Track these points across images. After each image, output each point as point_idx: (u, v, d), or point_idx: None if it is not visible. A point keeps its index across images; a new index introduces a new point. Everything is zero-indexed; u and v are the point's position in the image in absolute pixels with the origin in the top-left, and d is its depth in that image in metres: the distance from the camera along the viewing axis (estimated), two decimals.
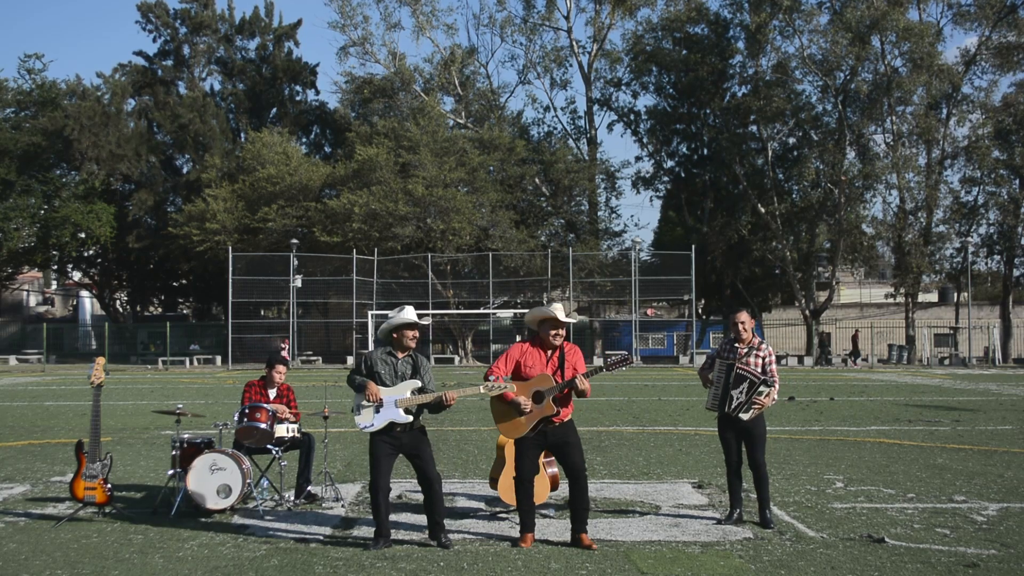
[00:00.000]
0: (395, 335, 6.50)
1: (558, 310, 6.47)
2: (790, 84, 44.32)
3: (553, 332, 6.40)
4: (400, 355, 6.50)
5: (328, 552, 6.21)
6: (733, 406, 6.88)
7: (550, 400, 6.24)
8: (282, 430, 7.87)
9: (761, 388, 6.81)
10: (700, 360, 40.51)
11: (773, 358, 7.07)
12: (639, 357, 41.87)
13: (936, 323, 46.76)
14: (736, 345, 7.06)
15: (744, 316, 7.02)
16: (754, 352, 7.01)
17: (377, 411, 6.34)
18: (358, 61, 59.72)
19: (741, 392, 6.85)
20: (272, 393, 8.18)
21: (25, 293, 67.35)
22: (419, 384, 6.39)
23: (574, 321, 6.56)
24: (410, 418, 6.33)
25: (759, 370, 6.92)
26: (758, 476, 7.02)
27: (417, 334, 6.52)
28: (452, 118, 47.36)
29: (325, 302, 45.83)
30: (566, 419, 6.40)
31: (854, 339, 42.52)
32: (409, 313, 6.47)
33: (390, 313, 6.58)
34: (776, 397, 7.01)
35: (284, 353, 39.87)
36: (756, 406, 6.84)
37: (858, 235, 44.71)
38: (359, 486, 8.66)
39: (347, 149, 43.97)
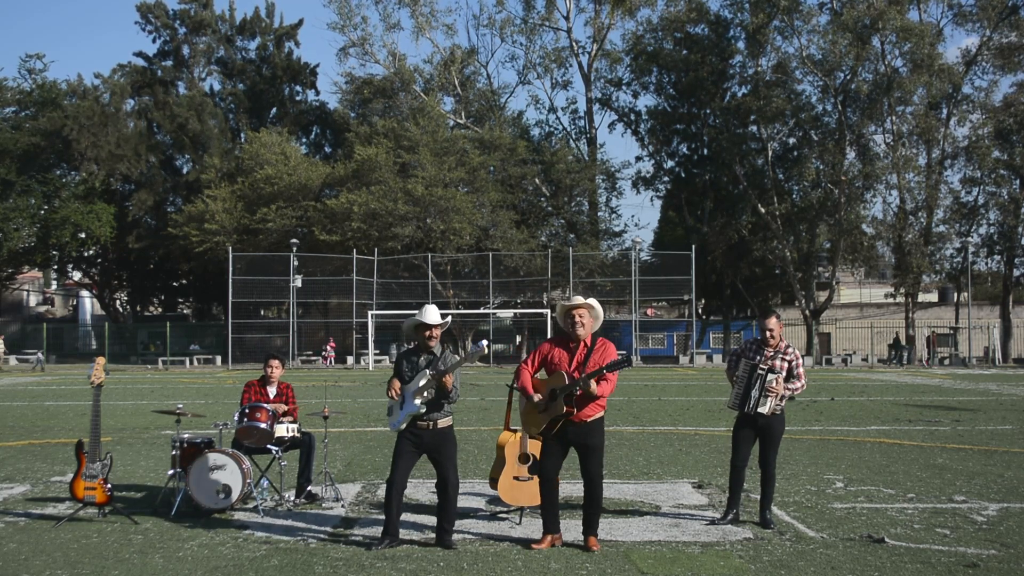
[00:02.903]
0: (416, 334, 6.55)
1: (430, 313, 6.44)
2: (790, 84, 44.35)
3: (569, 322, 6.37)
4: (423, 353, 6.52)
5: (328, 552, 6.21)
6: (752, 404, 6.88)
7: (561, 399, 6.19)
8: (282, 430, 7.86)
9: (768, 376, 6.82)
10: (700, 360, 40.66)
11: (800, 360, 7.06)
12: (639, 357, 41.86)
13: (936, 323, 46.77)
14: (763, 348, 7.05)
15: (773, 323, 6.98)
16: (780, 355, 6.99)
17: (401, 407, 6.40)
18: (358, 62, 59.82)
19: (758, 389, 6.87)
20: (272, 391, 8.17)
21: (25, 293, 67.34)
22: (429, 373, 6.38)
23: (438, 322, 6.42)
24: (423, 409, 6.31)
25: (784, 373, 6.92)
26: (765, 476, 7.01)
27: (435, 333, 6.50)
28: (452, 118, 47.36)
29: (325, 302, 45.83)
30: (589, 419, 6.25)
31: (929, 340, 42.33)
32: (425, 315, 6.46)
33: (416, 313, 6.60)
34: (794, 388, 6.97)
35: (328, 351, 40.38)
36: (770, 394, 6.83)
37: (858, 235, 44.73)
38: (359, 486, 8.66)
39: (347, 149, 43.98)
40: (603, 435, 6.39)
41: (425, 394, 6.31)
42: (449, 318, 6.91)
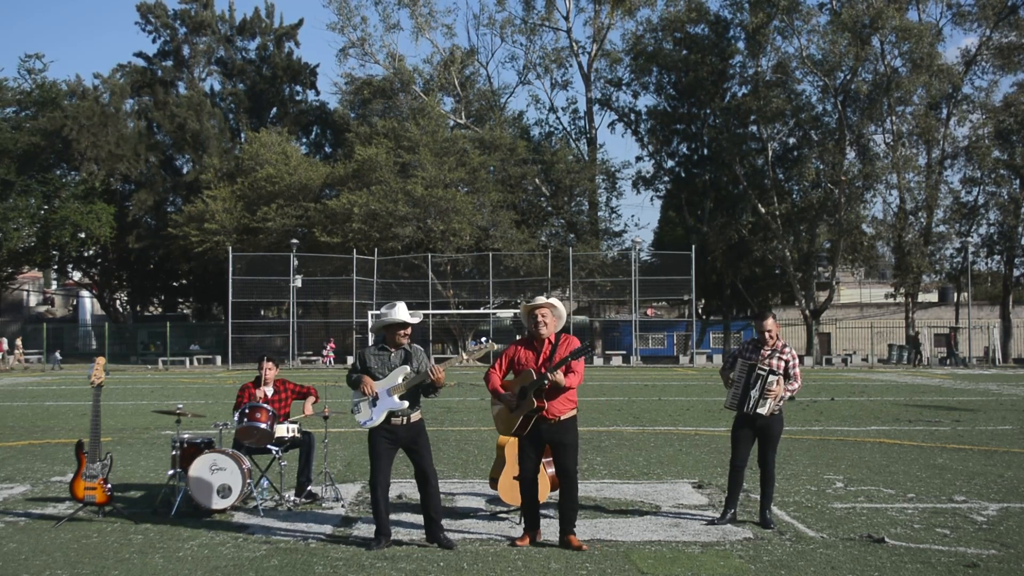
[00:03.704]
0: (386, 332, 6.54)
1: (403, 311, 6.46)
2: (790, 84, 44.35)
3: (533, 323, 6.41)
4: (393, 350, 6.52)
5: (328, 552, 6.21)
6: (751, 404, 6.89)
7: (531, 395, 6.23)
8: (282, 430, 7.86)
9: (770, 378, 6.83)
10: (700, 360, 40.63)
11: (796, 360, 7.09)
12: (639, 357, 41.86)
13: (936, 323, 46.76)
14: (760, 347, 7.08)
15: (770, 324, 7.01)
16: (777, 355, 7.01)
17: (374, 404, 6.36)
18: (357, 62, 59.75)
19: (758, 390, 6.88)
20: (269, 392, 8.15)
21: (25, 293, 67.35)
22: (408, 369, 6.38)
23: (415, 321, 6.44)
24: (406, 404, 6.33)
25: (781, 372, 6.95)
26: (765, 475, 7.02)
27: (408, 332, 6.52)
28: (452, 118, 47.37)
29: (325, 302, 45.83)
30: (563, 416, 6.31)
31: (950, 339, 42.19)
32: (398, 312, 6.45)
33: (383, 309, 6.59)
34: (792, 390, 6.99)
35: (327, 351, 40.38)
36: (769, 396, 6.85)
37: (858, 235, 44.74)
38: (359, 486, 8.66)
39: (347, 149, 43.99)
40: (576, 433, 6.44)
41: (405, 390, 6.32)
42: (421, 316, 6.90)
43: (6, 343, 40.62)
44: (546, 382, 6.18)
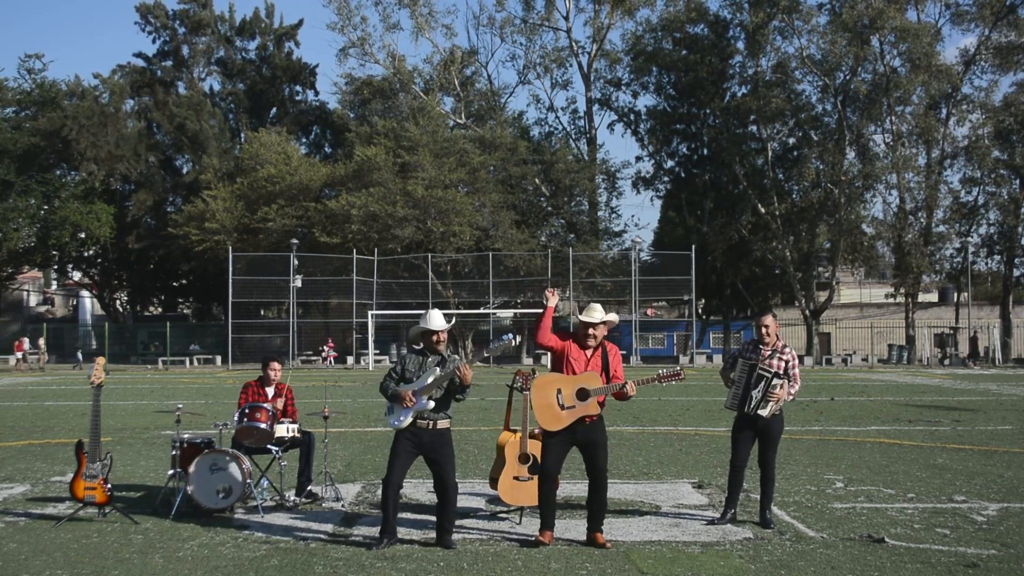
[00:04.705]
0: (423, 339, 6.60)
1: (594, 311, 6.52)
2: (790, 84, 44.35)
3: (584, 333, 6.45)
4: (430, 355, 6.57)
5: (328, 552, 6.21)
6: (752, 405, 6.90)
7: (595, 400, 6.25)
8: (282, 430, 7.86)
9: (774, 381, 6.84)
10: (700, 360, 40.63)
11: (796, 361, 7.10)
12: (639, 357, 41.85)
13: (936, 323, 46.75)
14: (760, 347, 7.09)
15: (768, 320, 7.05)
16: (777, 355, 7.02)
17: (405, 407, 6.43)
18: (357, 62, 59.73)
19: (759, 391, 6.87)
20: (270, 392, 8.16)
21: (25, 293, 67.32)
22: (440, 372, 6.40)
23: (613, 318, 6.49)
24: (431, 404, 6.33)
25: (783, 373, 6.95)
26: (765, 475, 7.02)
27: (443, 336, 6.57)
28: (452, 118, 47.35)
29: (325, 302, 45.82)
30: (595, 417, 6.42)
31: (973, 341, 42.18)
32: (431, 321, 6.51)
33: (421, 318, 6.63)
34: (793, 393, 7.01)
35: (325, 352, 40.34)
36: (772, 399, 6.86)
37: (858, 235, 44.73)
38: (359, 486, 8.66)
39: (347, 149, 43.95)
40: (606, 433, 6.54)
41: (434, 392, 6.33)
42: (454, 319, 6.94)
43: (27, 342, 40.48)
44: (615, 392, 6.32)
